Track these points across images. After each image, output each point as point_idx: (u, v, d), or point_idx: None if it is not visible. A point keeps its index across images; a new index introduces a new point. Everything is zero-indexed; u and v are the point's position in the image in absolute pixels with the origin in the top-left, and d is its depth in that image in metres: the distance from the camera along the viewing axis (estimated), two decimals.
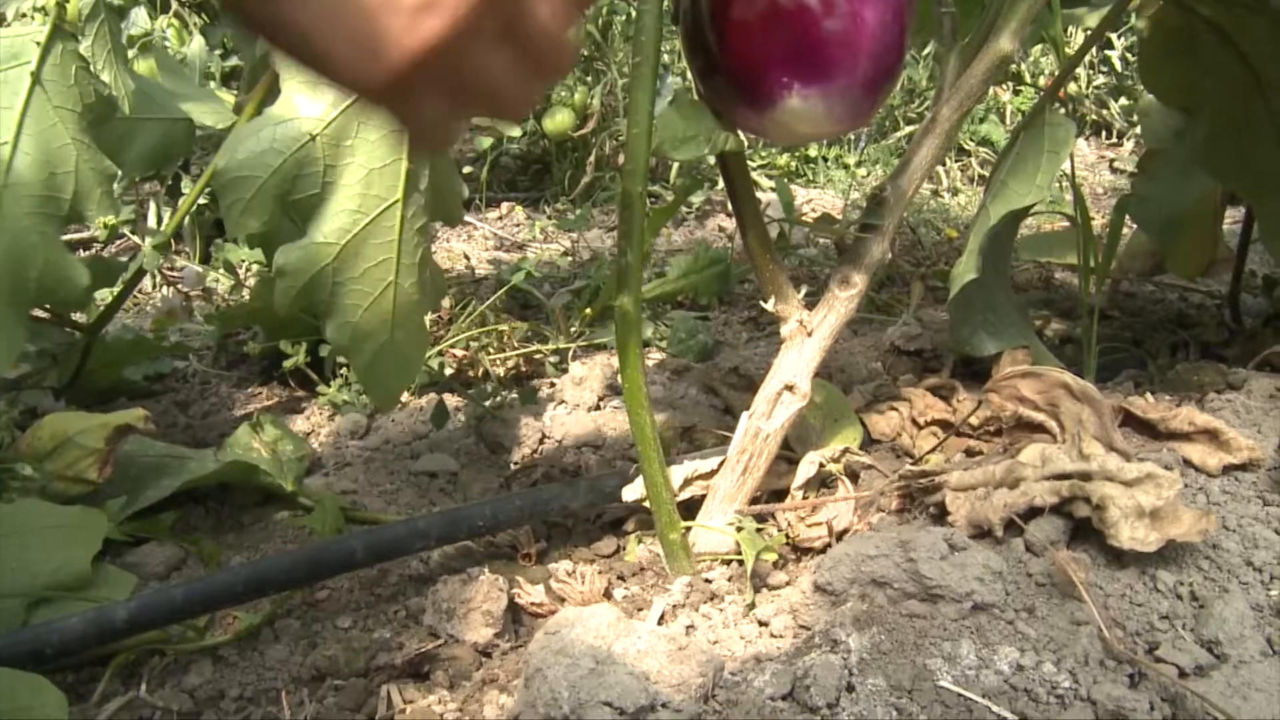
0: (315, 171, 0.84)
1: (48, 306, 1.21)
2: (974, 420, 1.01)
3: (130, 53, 1.50)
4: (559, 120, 2.15)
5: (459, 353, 1.26)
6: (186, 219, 1.58)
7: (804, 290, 0.92)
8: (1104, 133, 3.49)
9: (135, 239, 2.05)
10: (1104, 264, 1.35)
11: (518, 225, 2.18)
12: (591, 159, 2.20)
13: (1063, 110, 3.49)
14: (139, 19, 1.82)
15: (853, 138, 2.75)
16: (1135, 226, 1.53)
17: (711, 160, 1.79)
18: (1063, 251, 1.73)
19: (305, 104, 0.84)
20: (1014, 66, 2.96)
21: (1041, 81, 3.27)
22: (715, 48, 0.79)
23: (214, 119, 1.24)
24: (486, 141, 2.14)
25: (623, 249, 0.79)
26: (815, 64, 0.76)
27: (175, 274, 1.81)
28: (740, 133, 0.84)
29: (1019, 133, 1.06)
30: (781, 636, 0.72)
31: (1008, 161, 1.06)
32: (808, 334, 0.89)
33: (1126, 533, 0.71)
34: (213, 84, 1.84)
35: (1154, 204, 1.41)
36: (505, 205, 2.29)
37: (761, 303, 0.92)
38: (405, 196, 0.88)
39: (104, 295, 1.57)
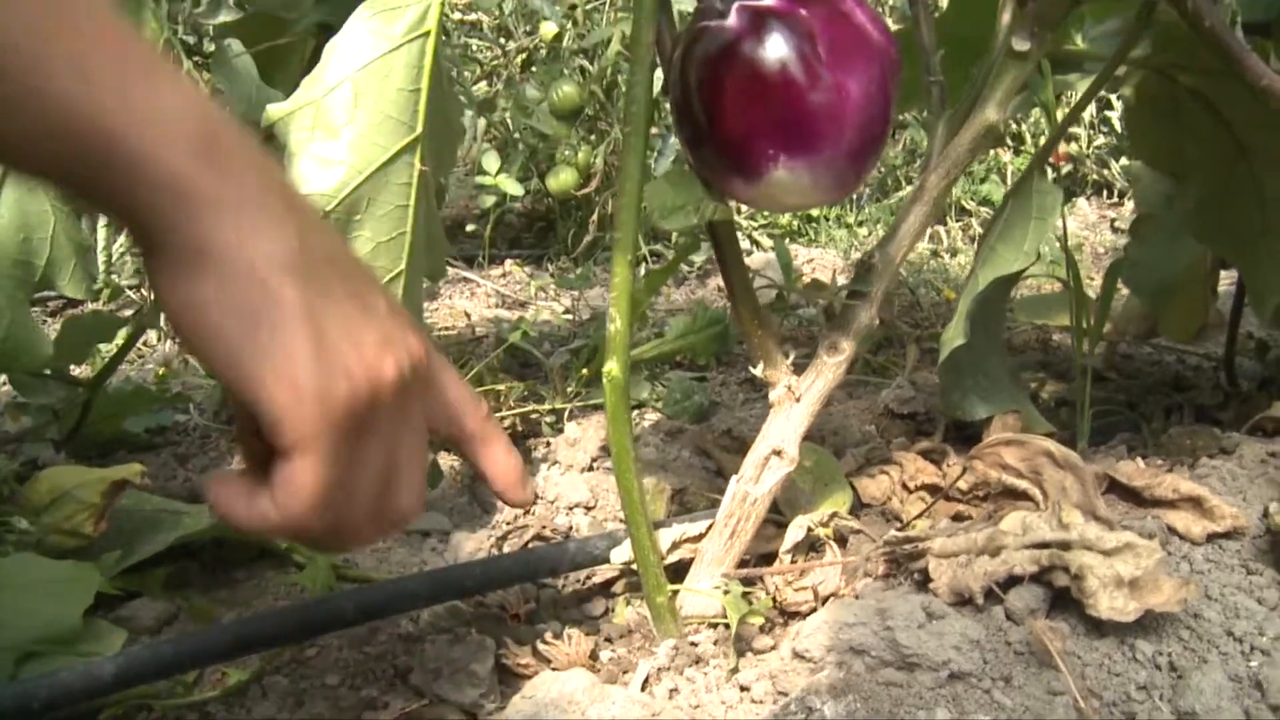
0: None
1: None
2: (962, 485, 1.01)
3: None
4: (563, 179, 2.18)
5: None
6: None
7: (801, 351, 0.93)
8: (1105, 192, 3.51)
9: (145, 291, 2.08)
10: (1097, 327, 1.36)
11: (520, 283, 2.20)
12: (594, 218, 2.23)
13: (1067, 169, 3.52)
14: None
15: (854, 197, 2.78)
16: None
17: None
18: (1059, 313, 1.75)
19: (318, 177, 0.85)
20: (1014, 127, 2.99)
21: (1042, 142, 3.30)
22: (702, 119, 0.81)
23: None
24: (489, 200, 2.16)
25: (612, 316, 0.81)
26: (801, 136, 0.78)
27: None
28: (730, 201, 0.86)
29: (1008, 199, 1.08)
30: (761, 703, 0.72)
31: (997, 227, 1.08)
32: (796, 399, 0.91)
33: (1105, 602, 0.72)
34: None
35: (1146, 268, 1.42)
36: (509, 263, 2.32)
37: (750, 368, 0.93)
38: (409, 266, 0.89)
39: (108, 348, 1.59)
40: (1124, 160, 3.40)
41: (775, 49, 0.77)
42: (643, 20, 0.79)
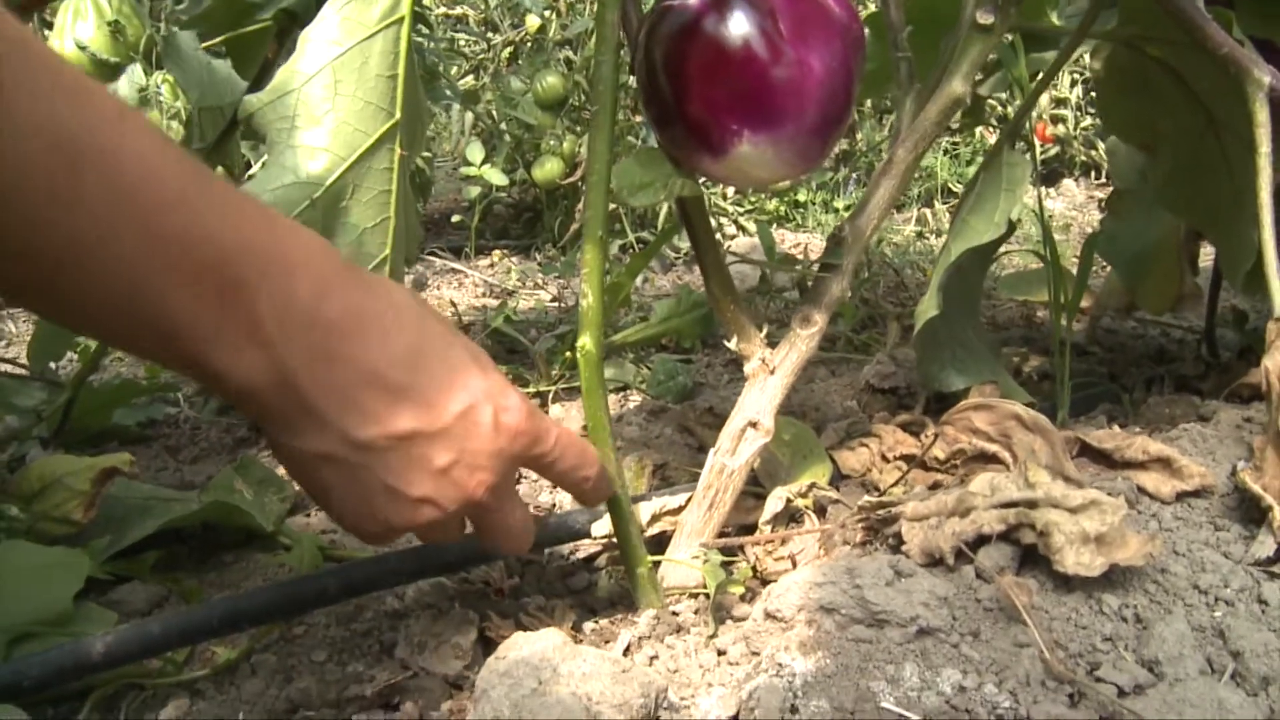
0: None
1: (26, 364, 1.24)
2: (939, 454, 1.03)
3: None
4: (548, 169, 2.20)
5: None
6: None
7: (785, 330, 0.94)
8: (1093, 173, 3.53)
9: None
10: (1074, 301, 1.38)
11: (508, 272, 2.22)
12: (580, 206, 2.24)
13: (1054, 150, 3.53)
14: (135, 74, 1.85)
15: (840, 181, 2.79)
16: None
17: None
18: (1041, 290, 1.76)
19: (303, 166, 0.86)
20: (998, 108, 3.01)
21: (1029, 122, 3.31)
22: (668, 97, 0.82)
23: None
24: (474, 191, 2.18)
25: (584, 292, 0.82)
26: (764, 112, 0.79)
27: None
28: (700, 178, 0.87)
29: (980, 173, 1.10)
30: (737, 664, 0.74)
31: (969, 200, 1.09)
32: (770, 371, 0.92)
33: (1071, 558, 0.73)
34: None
35: (1121, 241, 1.44)
36: (497, 253, 2.33)
37: (725, 342, 0.95)
38: (393, 251, 0.91)
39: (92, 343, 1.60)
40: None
41: (737, 26, 0.78)
42: (608, 1, 0.81)
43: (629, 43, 0.85)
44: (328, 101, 0.87)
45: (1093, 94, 3.42)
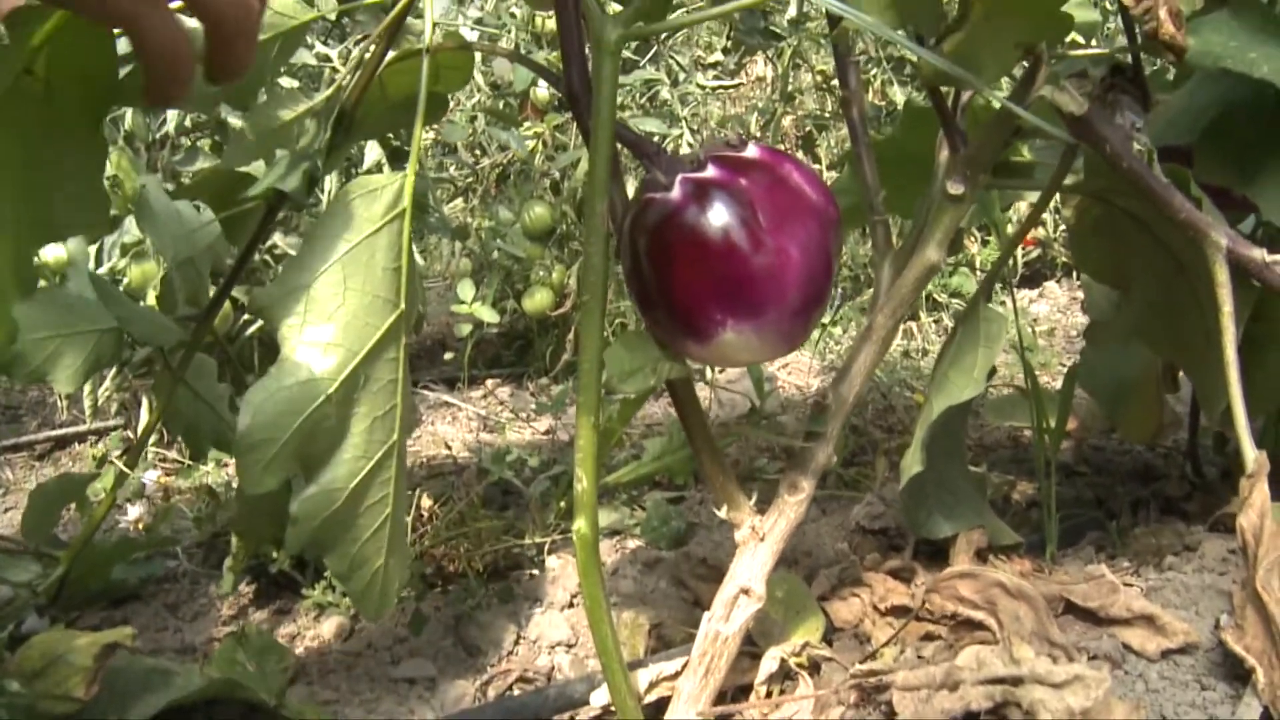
0: (329, 426, 0.88)
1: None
2: (930, 608, 1.05)
3: None
4: (538, 300, 2.23)
5: (438, 552, 1.30)
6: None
7: (774, 463, 0.97)
8: (1075, 274, 3.57)
9: (129, 434, 2.11)
10: (1058, 431, 1.41)
11: (501, 403, 2.25)
12: (571, 336, 2.28)
13: (1036, 253, 3.58)
14: (131, 228, 1.89)
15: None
16: None
17: None
18: (1025, 415, 1.79)
19: (316, 362, 0.88)
20: (983, 218, 3.05)
21: (1009, 230, 3.37)
22: (652, 284, 0.85)
23: (160, 336, 1.27)
24: (466, 328, 2.21)
25: (579, 476, 0.84)
26: (746, 302, 0.82)
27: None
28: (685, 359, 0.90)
29: (959, 325, 1.13)
30: None
31: (950, 352, 1.12)
32: (760, 539, 0.94)
33: None
34: None
35: (1100, 373, 1.47)
36: (490, 382, 2.36)
37: (715, 510, 0.97)
38: (400, 436, 0.93)
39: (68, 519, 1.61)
40: None
41: (717, 219, 0.82)
42: (596, 193, 0.84)
43: (614, 229, 0.88)
44: (338, 297, 0.89)
45: None
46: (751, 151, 0.87)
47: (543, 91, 2.45)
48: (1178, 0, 1.03)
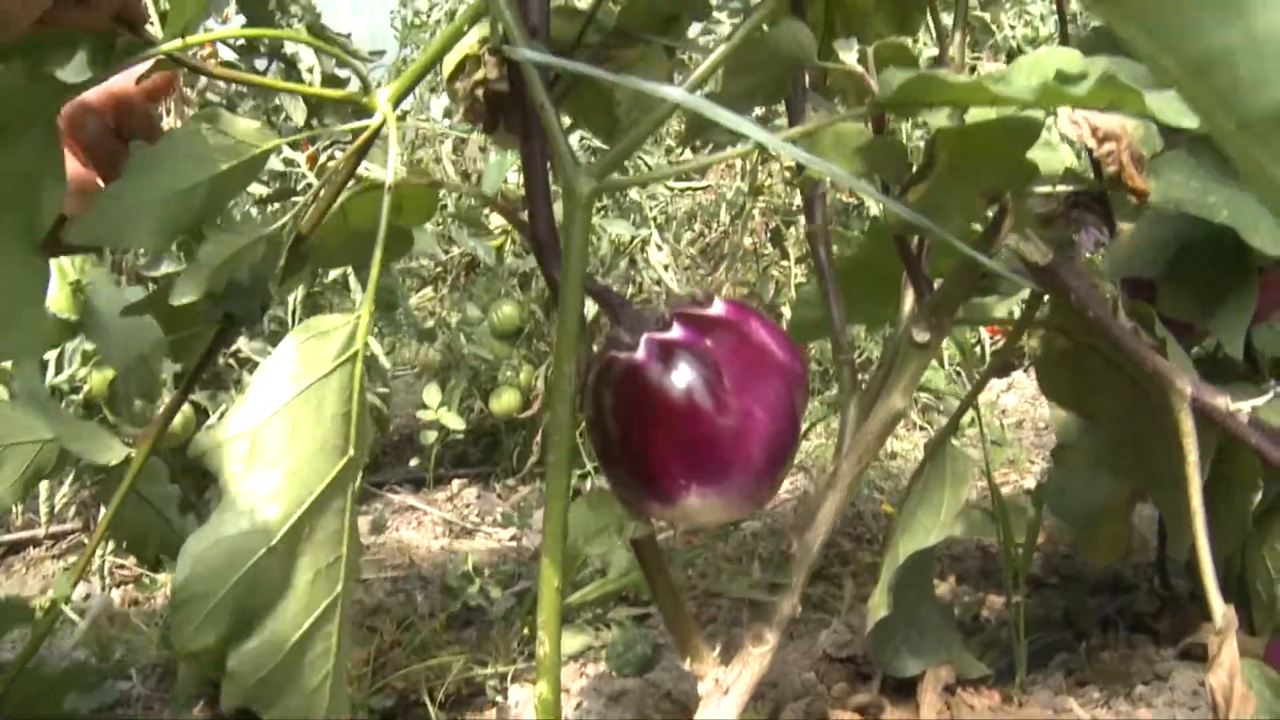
0: (272, 579, 0.86)
1: None
2: None
3: None
4: (505, 401, 2.22)
5: (399, 684, 1.28)
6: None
7: (740, 576, 0.95)
8: None
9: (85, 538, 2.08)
10: (1025, 558, 1.41)
11: (468, 505, 2.23)
12: (538, 439, 2.26)
13: (1003, 342, 3.61)
14: None
15: None
16: None
17: None
18: (994, 530, 1.79)
19: (259, 510, 0.86)
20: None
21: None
22: (616, 445, 0.84)
23: (101, 453, 1.25)
24: (432, 435, 2.20)
25: (541, 640, 0.82)
26: (710, 466, 0.81)
27: (85, 604, 1.81)
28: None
29: (926, 463, 1.12)
30: None
31: (917, 488, 1.12)
32: (724, 692, 0.93)
33: None
34: None
35: (1069, 494, 1.46)
36: (456, 483, 2.34)
37: (679, 663, 0.95)
38: (344, 588, 0.91)
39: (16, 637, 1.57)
40: None
41: (682, 382, 0.81)
42: (564, 352, 0.83)
43: (579, 387, 0.87)
44: (284, 444, 0.88)
45: None
46: (717, 308, 0.86)
47: (514, 178, 2.46)
48: (1139, 144, 1.05)
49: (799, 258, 3.00)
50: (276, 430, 0.88)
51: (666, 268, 2.20)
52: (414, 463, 2.35)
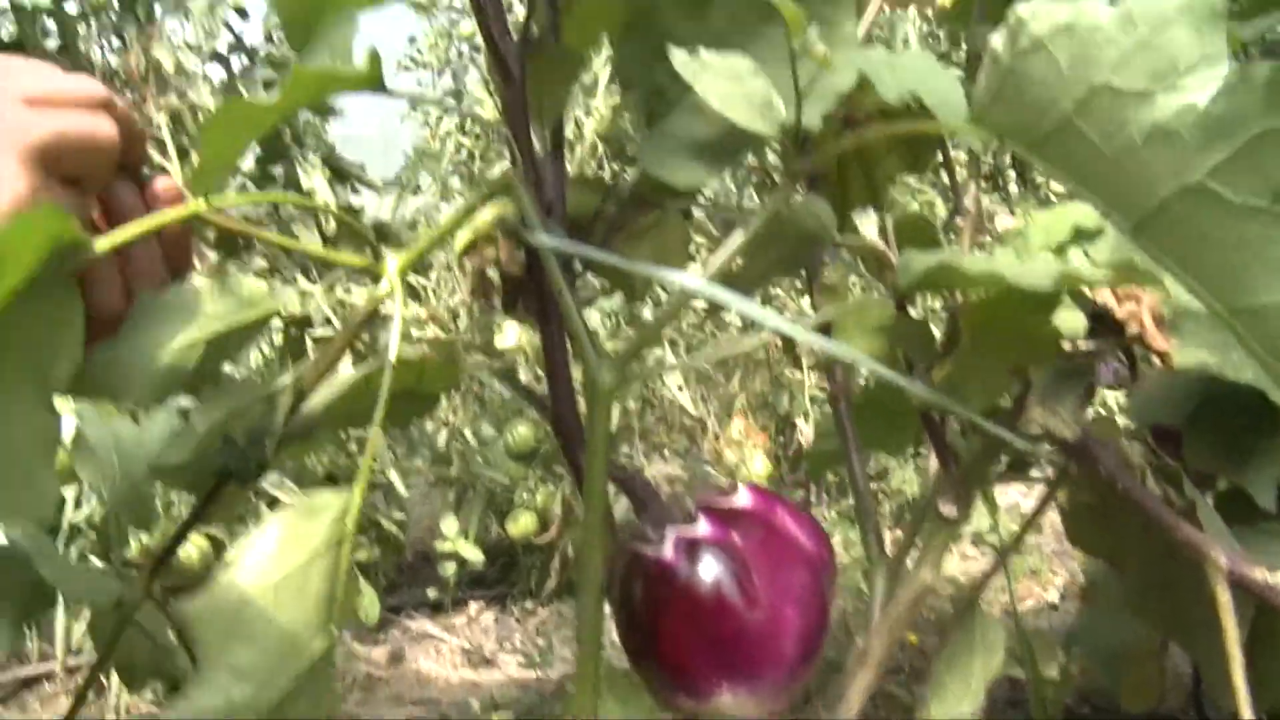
0: None
1: None
2: None
3: None
4: (522, 524, 2.21)
5: None
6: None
7: None
8: None
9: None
10: (1056, 704, 1.38)
11: (485, 630, 2.20)
12: (556, 563, 2.25)
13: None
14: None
15: (814, 500, 2.82)
16: None
17: None
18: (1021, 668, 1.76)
19: (235, 690, 0.80)
20: None
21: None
22: (646, 637, 0.83)
23: (96, 594, 1.23)
24: (450, 568, 2.18)
25: None
26: (743, 664, 0.80)
27: None
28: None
29: (954, 627, 1.10)
30: None
31: (945, 655, 1.09)
32: None
33: None
34: None
35: (1099, 637, 1.44)
36: (474, 606, 2.32)
37: None
38: None
39: None
40: None
41: (710, 581, 0.80)
42: (591, 546, 0.82)
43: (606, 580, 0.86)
44: (267, 622, 0.86)
45: None
46: (743, 498, 0.86)
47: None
48: (1160, 304, 1.04)
49: (811, 365, 3.00)
50: (258, 608, 0.86)
51: (681, 388, 2.20)
52: (432, 593, 2.33)
